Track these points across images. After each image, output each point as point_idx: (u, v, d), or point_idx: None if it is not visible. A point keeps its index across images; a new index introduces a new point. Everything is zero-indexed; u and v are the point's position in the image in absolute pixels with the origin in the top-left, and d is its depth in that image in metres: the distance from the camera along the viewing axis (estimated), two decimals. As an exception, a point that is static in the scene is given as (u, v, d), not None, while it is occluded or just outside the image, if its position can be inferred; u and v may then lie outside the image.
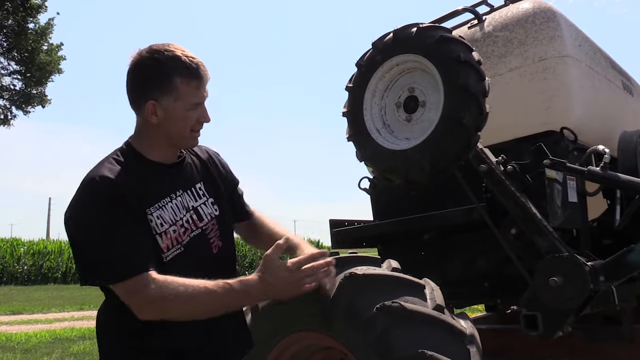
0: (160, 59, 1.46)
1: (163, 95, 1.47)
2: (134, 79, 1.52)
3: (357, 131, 2.37)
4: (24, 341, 7.60)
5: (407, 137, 2.28)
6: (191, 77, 1.48)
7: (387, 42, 2.31)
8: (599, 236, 2.75)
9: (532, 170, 2.24)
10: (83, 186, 1.45)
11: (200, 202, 1.61)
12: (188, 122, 1.52)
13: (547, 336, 2.09)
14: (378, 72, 2.35)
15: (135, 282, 1.38)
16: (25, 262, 22.75)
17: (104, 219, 1.39)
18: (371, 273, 2.07)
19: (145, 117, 1.50)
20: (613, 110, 3.01)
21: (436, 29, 2.20)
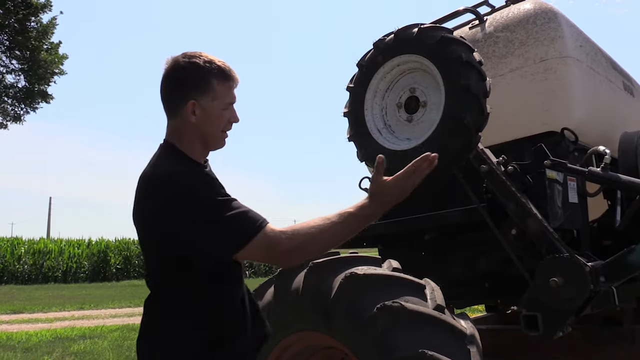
0: (198, 62, 1.60)
1: (202, 95, 1.60)
2: (174, 81, 1.63)
3: (358, 131, 2.37)
4: (25, 340, 7.61)
5: (408, 137, 2.29)
6: (226, 79, 1.63)
7: (388, 43, 2.31)
8: (599, 237, 2.75)
9: (533, 170, 2.24)
10: (193, 181, 1.52)
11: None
12: (222, 122, 1.65)
13: (547, 336, 2.09)
14: (379, 72, 2.35)
15: (272, 233, 1.50)
16: (25, 261, 22.77)
17: (220, 196, 1.51)
18: (372, 273, 2.08)
19: (185, 117, 1.61)
20: (614, 111, 3.01)
21: (437, 30, 2.20)
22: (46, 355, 6.59)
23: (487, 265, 2.68)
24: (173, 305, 1.62)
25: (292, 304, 2.17)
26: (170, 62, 1.63)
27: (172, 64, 1.63)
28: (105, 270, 24.02)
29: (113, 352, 6.70)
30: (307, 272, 2.22)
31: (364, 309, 1.96)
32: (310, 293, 2.18)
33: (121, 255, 24.92)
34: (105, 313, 11.38)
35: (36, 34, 16.85)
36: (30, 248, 23.56)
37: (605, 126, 2.85)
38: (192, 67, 1.60)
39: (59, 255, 23.63)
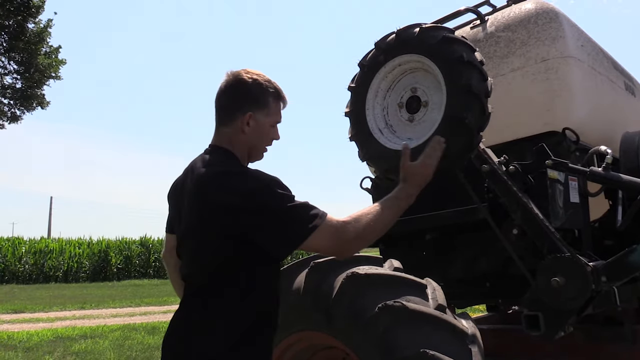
0: (259, 80, 1.78)
1: (259, 110, 1.76)
2: (235, 93, 1.78)
3: (359, 131, 2.38)
4: (26, 340, 7.62)
5: (409, 137, 2.29)
6: (279, 99, 1.82)
7: (389, 42, 2.31)
8: (600, 237, 2.75)
9: (534, 170, 2.24)
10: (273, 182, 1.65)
11: None
12: (267, 138, 1.82)
13: (548, 336, 2.09)
14: (380, 72, 2.35)
15: (337, 222, 1.64)
16: (26, 261, 22.79)
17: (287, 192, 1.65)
18: (373, 273, 2.08)
19: (239, 126, 1.76)
20: (615, 111, 3.01)
21: (439, 29, 2.20)
22: (47, 355, 6.61)
23: (488, 265, 2.67)
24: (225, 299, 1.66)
25: (293, 304, 2.18)
26: (232, 75, 1.80)
27: (235, 78, 1.79)
28: (106, 270, 24.04)
29: (114, 352, 6.71)
30: (308, 271, 2.22)
31: (365, 309, 1.96)
32: (311, 293, 2.18)
33: (122, 255, 24.92)
34: (106, 313, 11.39)
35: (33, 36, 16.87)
36: (31, 248, 23.58)
37: (607, 126, 2.85)
38: (255, 84, 1.77)
39: (59, 255, 23.64)
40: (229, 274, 1.66)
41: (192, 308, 1.69)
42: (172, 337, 1.70)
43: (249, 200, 1.60)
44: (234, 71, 1.81)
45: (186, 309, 1.70)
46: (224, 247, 1.64)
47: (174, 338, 1.69)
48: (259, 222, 1.60)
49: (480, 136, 2.14)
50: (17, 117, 18.06)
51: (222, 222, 1.62)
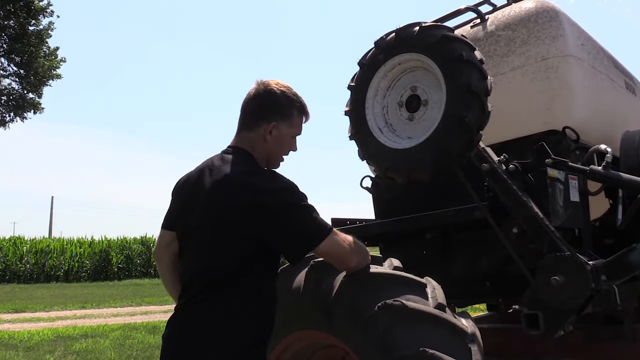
0: (287, 92, 1.87)
1: (283, 121, 1.86)
2: (264, 102, 1.87)
3: (359, 130, 2.37)
4: (27, 339, 7.62)
5: (409, 136, 2.28)
6: (303, 113, 1.92)
7: (389, 41, 2.31)
8: (601, 236, 2.74)
9: (534, 169, 2.24)
10: (295, 186, 1.77)
11: None
12: (287, 148, 1.92)
13: (548, 335, 2.09)
14: (380, 71, 2.35)
15: (339, 234, 1.80)
16: (27, 260, 22.79)
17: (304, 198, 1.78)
18: (373, 271, 2.07)
19: (262, 133, 1.85)
20: (615, 110, 3.00)
21: (438, 28, 2.20)
22: (48, 354, 6.61)
23: (488, 264, 2.67)
24: (237, 299, 1.71)
25: (293, 303, 2.17)
26: (262, 85, 1.88)
27: (265, 87, 1.87)
28: (107, 270, 24.03)
29: (115, 351, 6.71)
30: (308, 270, 2.21)
31: (365, 308, 1.96)
32: (311, 291, 2.17)
33: (123, 254, 24.91)
34: (107, 312, 11.40)
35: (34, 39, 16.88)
36: (32, 247, 23.57)
37: (607, 125, 2.85)
38: (283, 96, 1.86)
39: (60, 255, 23.64)
40: (245, 272, 1.71)
41: (205, 305, 1.70)
42: (180, 332, 1.71)
43: (274, 199, 1.69)
44: (265, 80, 1.90)
45: (196, 305, 1.71)
46: (244, 245, 1.70)
47: (181, 333, 1.70)
48: (281, 221, 1.69)
49: (480, 135, 2.14)
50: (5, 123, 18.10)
51: (244, 220, 1.68)
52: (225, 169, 1.75)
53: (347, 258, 1.86)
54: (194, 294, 1.72)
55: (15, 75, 17.51)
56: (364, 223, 3.13)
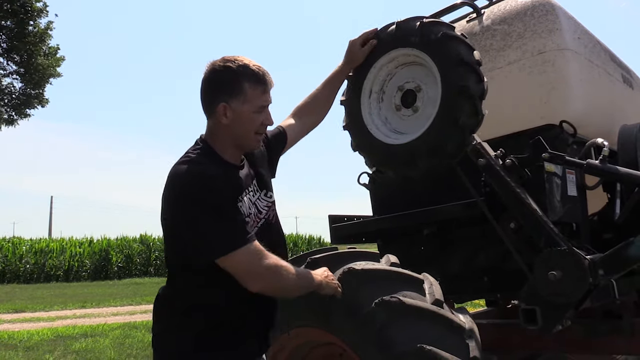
0: (231, 67, 1.67)
1: (233, 98, 1.67)
2: (208, 84, 1.71)
3: (353, 121, 2.37)
4: (27, 339, 7.62)
5: (402, 131, 2.28)
6: (258, 83, 1.69)
7: (389, 34, 2.30)
8: (599, 230, 2.73)
9: (531, 164, 2.22)
10: (197, 176, 1.59)
11: (256, 197, 1.81)
12: (253, 125, 1.71)
13: (546, 330, 2.08)
14: (378, 62, 2.34)
15: (254, 250, 1.58)
16: (27, 260, 22.79)
17: (223, 201, 1.59)
18: (370, 268, 2.07)
19: (217, 118, 1.69)
20: (613, 104, 2.99)
21: (439, 25, 2.19)
22: (48, 354, 6.61)
23: (486, 260, 2.66)
24: (176, 300, 1.71)
25: (290, 300, 2.17)
26: (208, 66, 1.72)
27: (209, 67, 1.71)
28: (106, 269, 24.05)
29: (114, 350, 6.71)
30: (305, 267, 2.21)
31: (362, 304, 1.95)
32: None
33: (123, 253, 24.92)
34: (107, 311, 11.40)
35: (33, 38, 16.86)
36: (32, 247, 23.59)
37: (604, 119, 2.83)
38: (226, 71, 1.67)
39: (60, 255, 23.65)
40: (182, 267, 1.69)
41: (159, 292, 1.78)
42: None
43: (183, 203, 1.58)
44: (212, 60, 1.73)
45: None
46: (170, 242, 1.69)
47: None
48: (186, 227, 1.59)
49: (473, 136, 2.14)
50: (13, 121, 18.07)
51: (171, 222, 1.64)
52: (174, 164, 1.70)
53: (246, 280, 1.60)
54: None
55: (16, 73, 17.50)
56: (361, 220, 3.12)
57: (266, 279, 1.61)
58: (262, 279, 1.61)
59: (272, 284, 1.64)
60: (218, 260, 1.57)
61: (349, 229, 3.05)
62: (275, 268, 1.62)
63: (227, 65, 1.68)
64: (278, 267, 1.63)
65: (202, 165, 1.62)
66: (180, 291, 1.70)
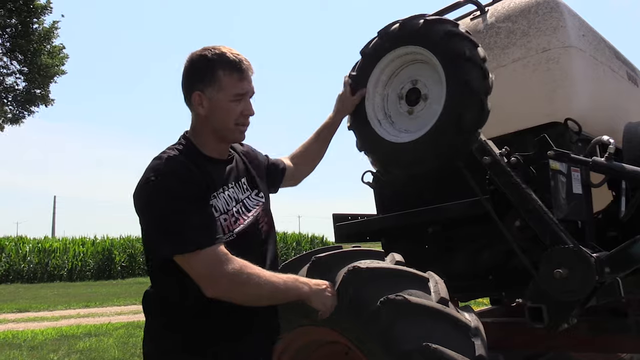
0: (207, 55, 1.62)
1: (207, 87, 1.61)
2: (184, 74, 1.67)
3: (358, 120, 2.36)
4: (30, 338, 7.64)
5: (407, 129, 2.27)
6: (233, 70, 1.61)
7: (393, 32, 2.29)
8: (604, 228, 2.73)
9: (536, 161, 2.22)
10: (164, 170, 1.54)
11: (245, 195, 1.75)
12: (232, 114, 1.64)
13: (552, 329, 2.08)
14: (382, 61, 2.33)
15: (215, 253, 1.49)
16: (31, 260, 22.85)
17: (184, 197, 1.51)
18: (375, 267, 2.06)
19: (195, 109, 1.65)
20: (618, 101, 2.98)
21: (444, 23, 2.18)
22: (52, 353, 6.62)
23: (491, 258, 2.66)
24: (155, 300, 1.72)
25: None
26: (187, 57, 1.68)
27: (187, 59, 1.67)
28: (110, 268, 24.09)
29: (118, 350, 6.72)
30: (309, 266, 2.20)
31: (367, 303, 1.95)
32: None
33: (126, 253, 24.98)
34: (111, 311, 11.42)
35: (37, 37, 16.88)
36: (36, 247, 23.64)
37: (609, 116, 2.83)
38: (200, 59, 1.62)
39: (64, 254, 23.70)
40: (153, 274, 1.69)
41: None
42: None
43: (139, 194, 1.55)
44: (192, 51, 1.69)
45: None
46: (143, 240, 1.67)
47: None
48: (145, 223, 1.56)
49: (478, 133, 2.13)
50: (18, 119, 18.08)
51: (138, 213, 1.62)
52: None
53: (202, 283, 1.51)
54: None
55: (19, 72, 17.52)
56: (365, 218, 3.12)
57: (223, 286, 1.50)
58: (218, 285, 1.50)
59: (230, 293, 1.52)
60: (175, 258, 1.50)
61: (352, 228, 3.04)
62: (239, 276, 1.49)
63: (203, 54, 1.63)
64: (242, 274, 1.50)
65: (170, 160, 1.57)
66: (159, 292, 1.69)
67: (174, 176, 1.52)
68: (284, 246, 29.23)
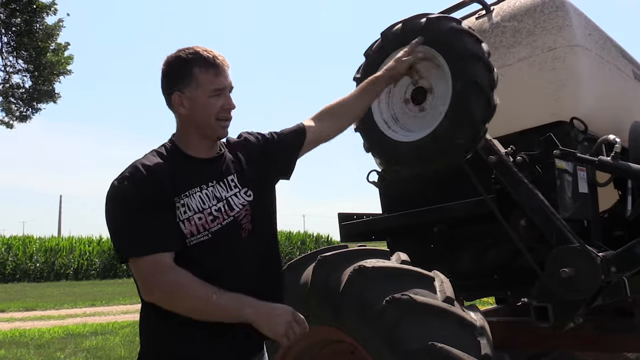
0: (181, 55, 1.64)
1: (185, 86, 1.62)
2: (162, 78, 1.68)
3: (364, 122, 2.37)
4: (37, 337, 7.69)
5: (414, 128, 2.27)
6: (208, 66, 1.62)
7: (396, 32, 2.30)
8: (610, 227, 2.72)
9: (542, 161, 2.22)
10: (125, 172, 1.58)
11: (231, 193, 1.70)
12: (212, 109, 1.63)
13: (558, 328, 2.08)
14: (386, 62, 2.33)
15: (153, 262, 1.50)
16: (37, 259, 22.97)
17: (135, 204, 1.53)
18: (380, 266, 2.07)
19: (177, 110, 1.66)
20: (624, 100, 2.97)
21: (446, 20, 2.18)
22: (59, 352, 6.66)
23: (496, 257, 2.66)
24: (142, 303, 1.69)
25: (300, 298, 2.17)
26: (163, 61, 1.68)
27: (163, 62, 1.68)
28: (116, 267, 24.17)
29: (124, 348, 6.75)
30: (315, 265, 2.21)
31: (372, 302, 1.96)
32: (318, 286, 2.17)
33: (132, 252, 25.07)
34: (117, 309, 11.46)
35: (42, 35, 16.90)
36: (42, 246, 23.77)
37: (615, 115, 2.82)
38: (175, 60, 1.65)
39: (70, 253, 23.82)
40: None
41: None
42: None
43: (108, 200, 1.57)
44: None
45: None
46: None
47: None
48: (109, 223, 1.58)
49: (486, 128, 2.13)
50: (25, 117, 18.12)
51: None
52: None
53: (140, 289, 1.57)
54: None
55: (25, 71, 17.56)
56: (371, 217, 3.13)
57: (155, 296, 1.54)
58: (152, 294, 1.54)
59: (162, 303, 1.54)
60: (129, 261, 1.55)
61: (358, 227, 3.05)
62: (173, 288, 1.51)
63: (177, 55, 1.65)
64: (176, 287, 1.51)
65: (135, 164, 1.59)
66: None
67: (130, 181, 1.55)
68: (289, 245, 29.26)
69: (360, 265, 2.06)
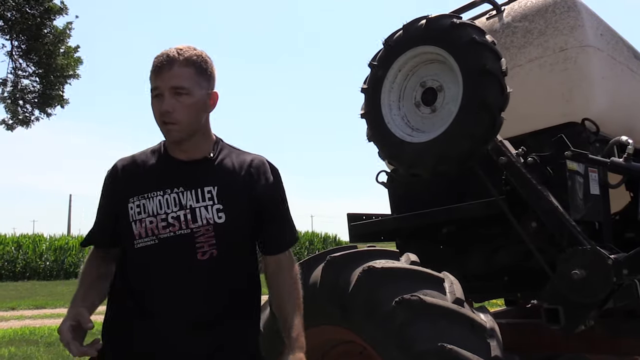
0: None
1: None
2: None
3: (377, 131, 2.36)
4: (47, 335, 7.73)
5: (428, 128, 2.27)
6: (153, 67, 1.56)
7: (398, 38, 2.30)
8: (621, 229, 2.70)
9: (553, 162, 2.20)
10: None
11: (201, 204, 1.56)
12: (154, 112, 1.57)
13: (569, 330, 2.06)
14: (392, 68, 2.33)
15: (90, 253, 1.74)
16: (47, 257, 23.12)
17: (101, 194, 1.73)
18: (390, 267, 2.07)
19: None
20: (636, 101, 2.94)
21: (445, 17, 2.19)
22: (68, 350, 6.69)
23: (506, 259, 2.64)
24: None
25: (309, 298, 2.17)
26: None
27: None
28: (124, 266, 24.30)
29: (133, 347, 6.77)
30: (324, 265, 2.21)
31: (382, 303, 1.95)
32: (328, 287, 2.17)
33: (140, 251, 25.18)
34: (125, 308, 11.51)
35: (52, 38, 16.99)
36: (52, 245, 23.91)
37: (627, 116, 2.79)
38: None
39: (79, 252, 23.92)
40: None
41: None
42: None
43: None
44: None
45: None
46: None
47: None
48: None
49: (502, 117, 2.12)
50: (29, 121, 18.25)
51: None
52: None
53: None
54: None
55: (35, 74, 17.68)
56: (380, 218, 3.12)
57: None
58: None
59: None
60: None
61: (367, 228, 3.04)
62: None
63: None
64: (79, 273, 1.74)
65: (121, 158, 1.73)
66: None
67: (109, 173, 1.70)
68: (297, 245, 29.22)
69: (370, 266, 2.05)
